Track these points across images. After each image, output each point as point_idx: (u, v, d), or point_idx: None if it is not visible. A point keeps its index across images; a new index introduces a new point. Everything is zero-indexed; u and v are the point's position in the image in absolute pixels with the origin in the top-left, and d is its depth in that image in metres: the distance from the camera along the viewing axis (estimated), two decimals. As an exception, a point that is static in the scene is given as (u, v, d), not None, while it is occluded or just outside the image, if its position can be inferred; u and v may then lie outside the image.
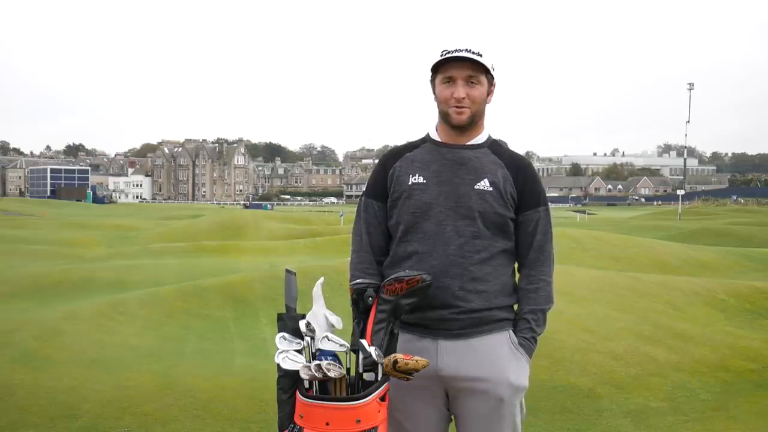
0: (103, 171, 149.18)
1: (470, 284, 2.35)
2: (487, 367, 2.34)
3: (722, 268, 13.64)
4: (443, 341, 2.35)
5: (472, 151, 2.44)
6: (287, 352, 2.17)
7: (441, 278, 2.33)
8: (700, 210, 52.83)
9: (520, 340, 2.40)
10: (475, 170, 2.40)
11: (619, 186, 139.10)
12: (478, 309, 2.35)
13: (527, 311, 2.42)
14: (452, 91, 2.38)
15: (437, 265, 2.34)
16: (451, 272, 2.34)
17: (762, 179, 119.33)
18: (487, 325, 2.37)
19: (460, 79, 2.37)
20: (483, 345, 2.35)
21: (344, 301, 2.38)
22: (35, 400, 4.87)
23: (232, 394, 5.07)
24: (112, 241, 22.67)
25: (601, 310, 7.59)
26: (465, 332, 2.35)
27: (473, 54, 2.34)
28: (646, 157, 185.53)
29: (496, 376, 2.34)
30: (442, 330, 2.35)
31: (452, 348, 2.35)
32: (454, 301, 2.34)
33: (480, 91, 2.39)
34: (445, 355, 2.34)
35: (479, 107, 2.41)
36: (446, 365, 2.34)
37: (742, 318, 7.93)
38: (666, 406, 5.06)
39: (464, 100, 2.37)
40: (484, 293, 2.36)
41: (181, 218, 36.83)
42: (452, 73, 2.38)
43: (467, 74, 2.37)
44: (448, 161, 2.42)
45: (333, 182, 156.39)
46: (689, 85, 73.98)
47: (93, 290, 10.41)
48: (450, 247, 2.35)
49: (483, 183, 2.38)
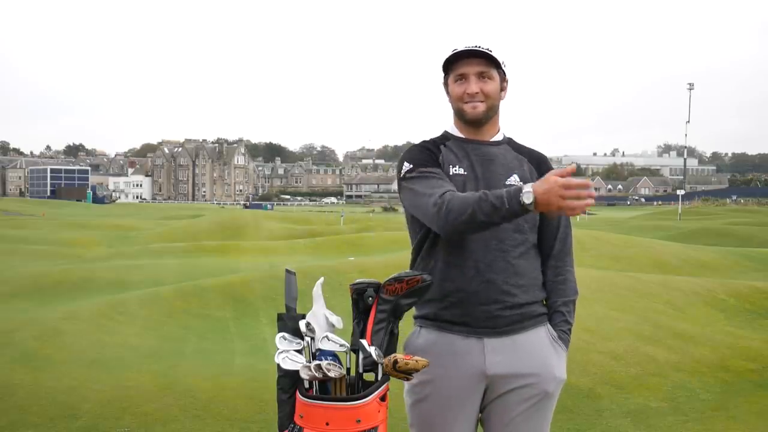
0: (103, 171, 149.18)
1: (513, 278, 2.35)
2: (534, 363, 2.35)
3: (722, 268, 13.65)
4: (489, 339, 2.33)
5: (496, 148, 2.45)
6: (287, 352, 2.17)
7: (486, 273, 2.32)
8: (700, 210, 52.83)
9: (558, 333, 2.42)
10: (503, 166, 2.42)
11: (619, 186, 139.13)
12: (522, 303, 2.35)
13: (561, 303, 2.44)
14: (465, 87, 2.39)
15: (482, 260, 2.33)
16: (495, 267, 2.33)
17: (762, 179, 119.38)
18: (529, 320, 2.37)
19: (472, 75, 2.38)
20: (527, 341, 2.36)
21: (344, 301, 2.38)
22: (35, 400, 4.87)
23: (232, 394, 5.07)
24: (112, 241, 22.69)
25: (601, 310, 7.59)
26: (510, 329, 2.34)
27: (484, 49, 2.36)
28: (646, 157, 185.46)
29: (543, 371, 2.36)
30: (486, 328, 2.33)
31: (499, 346, 2.33)
32: (501, 296, 2.33)
33: (493, 86, 2.40)
34: (493, 354, 2.32)
35: (494, 102, 2.42)
36: (494, 364, 2.32)
37: (742, 318, 7.93)
38: (666, 406, 5.06)
39: (477, 95, 2.38)
40: (524, 287, 2.37)
41: (181, 218, 36.84)
42: (464, 70, 2.39)
43: (479, 70, 2.38)
44: (478, 157, 2.42)
45: (333, 182, 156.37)
46: (689, 85, 74.17)
47: (93, 290, 10.42)
48: (492, 241, 2.34)
49: (513, 179, 2.39)
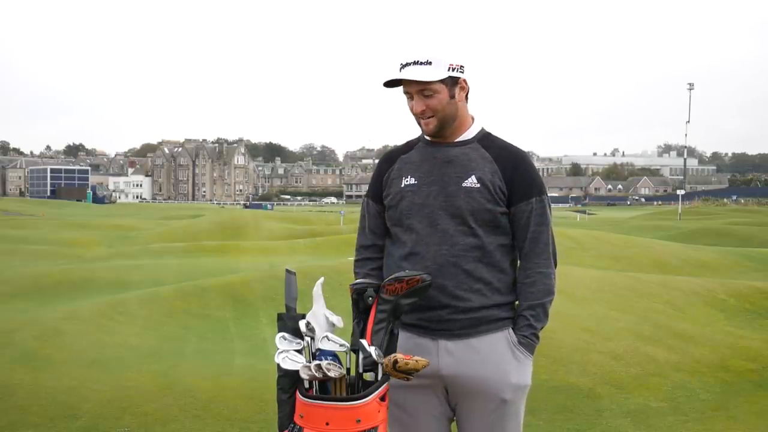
0: (103, 171, 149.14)
1: (466, 283, 2.34)
2: (488, 368, 2.33)
3: (722, 268, 13.65)
4: (443, 341, 2.35)
5: (460, 148, 2.43)
6: (287, 352, 2.17)
7: (437, 278, 2.32)
8: (700, 210, 52.82)
9: (519, 338, 2.37)
10: (462, 167, 2.39)
11: (619, 186, 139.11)
12: (477, 308, 2.34)
13: (525, 307, 2.40)
14: (412, 105, 2.38)
15: (431, 266, 2.34)
16: (445, 272, 2.34)
17: (762, 179, 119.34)
18: (485, 325, 2.36)
19: (414, 94, 2.36)
20: (482, 345, 2.35)
21: (344, 301, 2.38)
22: (35, 400, 4.87)
23: (232, 394, 5.07)
24: (112, 241, 22.68)
25: (601, 310, 7.59)
26: (464, 332, 2.34)
27: (419, 65, 2.30)
28: (646, 157, 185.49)
29: (497, 377, 2.34)
30: (442, 330, 2.35)
31: (452, 348, 2.35)
32: (451, 301, 2.34)
33: (438, 99, 2.35)
34: (446, 355, 2.34)
35: (444, 113, 2.37)
36: (447, 365, 2.34)
37: (742, 318, 7.93)
38: (666, 406, 5.06)
39: (425, 112, 2.36)
40: (480, 291, 2.35)
41: (181, 218, 36.82)
42: (406, 89, 2.37)
43: (418, 89, 2.35)
44: (437, 160, 2.43)
45: (333, 182, 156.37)
46: (689, 85, 74.03)
47: (93, 290, 10.42)
48: (443, 246, 2.35)
49: (470, 180, 2.37)
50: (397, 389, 2.32)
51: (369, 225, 2.57)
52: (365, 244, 2.58)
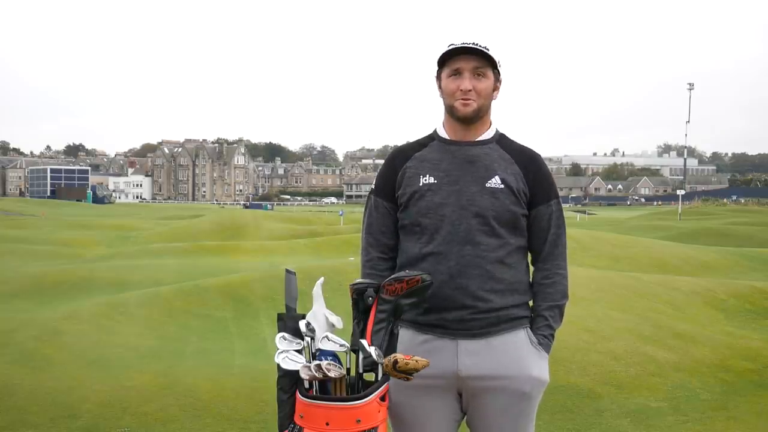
0: (103, 171, 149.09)
1: (488, 283, 2.33)
2: (509, 364, 2.33)
3: (722, 268, 13.65)
4: (463, 341, 2.34)
5: (480, 148, 2.42)
6: (287, 352, 2.17)
7: (459, 279, 2.31)
8: (700, 210, 52.75)
9: (539, 338, 2.39)
10: (485, 168, 2.38)
11: (619, 186, 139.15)
12: (497, 308, 2.34)
13: (545, 308, 2.41)
14: (459, 83, 2.36)
15: (454, 266, 2.32)
16: (468, 273, 2.32)
17: (762, 179, 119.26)
18: (505, 323, 2.36)
19: (467, 71, 2.36)
20: (502, 343, 2.35)
21: (344, 301, 2.38)
22: (35, 400, 4.87)
23: (232, 394, 5.07)
24: (112, 241, 22.68)
25: (601, 310, 7.58)
26: (484, 331, 2.34)
27: (481, 47, 2.34)
28: (646, 157, 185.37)
29: (519, 372, 2.34)
30: (461, 330, 2.34)
31: (472, 348, 2.33)
32: (474, 302, 2.32)
33: (486, 84, 2.37)
34: (465, 355, 2.33)
35: (485, 101, 2.39)
36: (467, 365, 2.32)
37: (742, 318, 7.94)
38: (666, 406, 5.06)
39: (470, 92, 2.35)
40: (501, 292, 2.35)
41: (181, 218, 36.84)
42: (459, 65, 2.36)
43: (474, 66, 2.35)
44: (458, 159, 2.40)
45: (333, 182, 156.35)
46: (689, 86, 73.85)
47: (93, 290, 10.42)
48: (465, 247, 2.33)
49: (494, 180, 2.36)
50: (409, 390, 2.31)
51: (377, 224, 2.51)
52: (374, 243, 2.51)
